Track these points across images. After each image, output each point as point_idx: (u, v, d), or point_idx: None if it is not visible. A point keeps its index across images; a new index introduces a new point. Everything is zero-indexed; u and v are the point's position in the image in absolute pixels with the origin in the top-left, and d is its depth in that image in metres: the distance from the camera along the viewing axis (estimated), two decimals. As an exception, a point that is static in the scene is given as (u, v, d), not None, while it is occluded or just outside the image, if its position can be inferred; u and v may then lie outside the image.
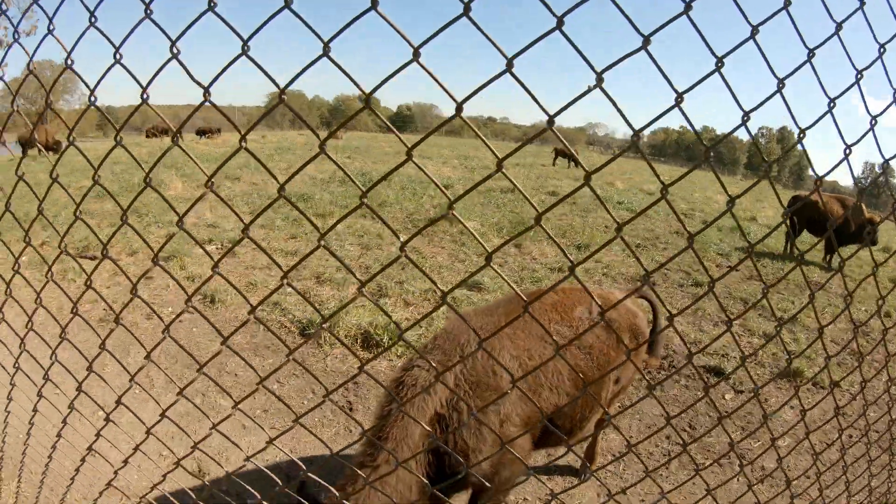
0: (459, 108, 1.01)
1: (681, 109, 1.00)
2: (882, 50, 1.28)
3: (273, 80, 1.10)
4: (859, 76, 1.26)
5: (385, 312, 1.34)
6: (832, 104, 1.25)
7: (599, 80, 0.96)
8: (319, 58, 1.02)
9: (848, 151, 1.27)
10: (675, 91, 0.98)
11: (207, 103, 1.15)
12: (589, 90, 0.99)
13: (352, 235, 9.49)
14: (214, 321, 6.26)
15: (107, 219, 9.73)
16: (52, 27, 1.32)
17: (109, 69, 1.25)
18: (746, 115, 1.05)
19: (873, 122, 1.33)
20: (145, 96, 1.23)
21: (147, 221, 9.72)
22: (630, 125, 1.03)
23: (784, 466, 3.94)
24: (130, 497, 2.18)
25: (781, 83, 1.09)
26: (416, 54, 0.99)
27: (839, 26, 1.16)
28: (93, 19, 1.21)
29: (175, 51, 1.12)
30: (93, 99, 1.27)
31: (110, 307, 1.61)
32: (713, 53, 0.99)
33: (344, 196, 12.55)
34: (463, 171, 19.37)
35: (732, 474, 2.04)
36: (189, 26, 1.13)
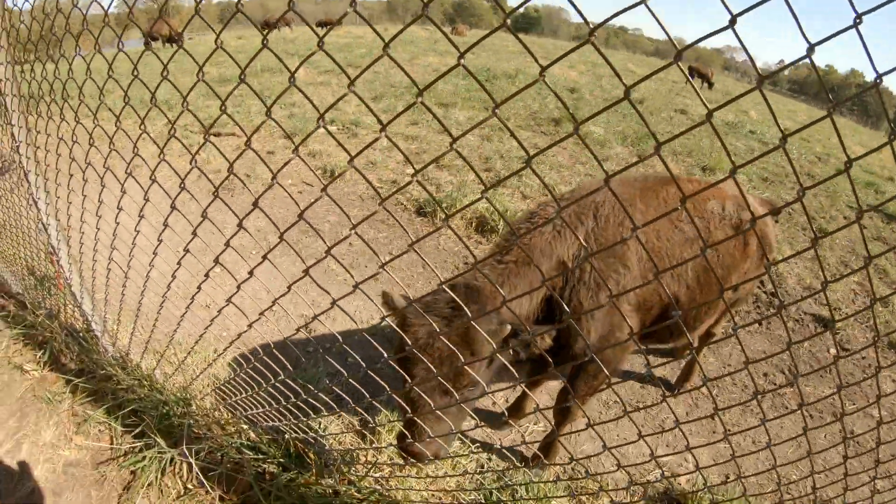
0: (504, 22, 1.03)
1: (734, 31, 0.89)
2: None
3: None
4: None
5: (430, 194, 1.33)
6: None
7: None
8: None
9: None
10: (731, 13, 0.87)
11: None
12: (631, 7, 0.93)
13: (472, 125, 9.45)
14: (334, 190, 6.57)
15: (232, 100, 10.19)
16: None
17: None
18: (811, 48, 0.92)
19: None
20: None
21: (270, 102, 10.03)
22: (671, 38, 0.95)
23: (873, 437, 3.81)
24: (239, 329, 2.37)
25: (858, 19, 0.93)
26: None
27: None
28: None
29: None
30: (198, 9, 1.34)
31: (210, 181, 1.69)
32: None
33: (467, 88, 12.35)
34: (590, 77, 18.48)
35: (820, 425, 1.98)
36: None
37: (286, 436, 2.65)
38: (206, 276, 1.97)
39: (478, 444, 3.30)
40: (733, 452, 1.75)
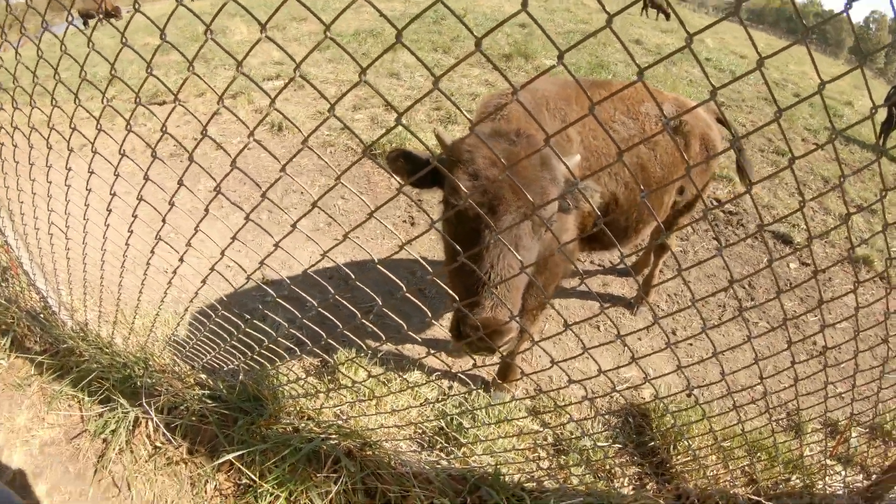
0: None
1: None
2: None
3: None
4: None
5: (416, 136, 1.27)
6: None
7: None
8: None
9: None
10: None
11: None
12: None
13: (422, 68, 9.32)
14: (282, 146, 6.47)
15: (174, 67, 9.86)
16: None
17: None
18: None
19: None
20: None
21: (215, 64, 9.86)
22: None
23: (836, 348, 3.92)
24: (196, 303, 2.35)
25: None
26: None
27: None
28: None
29: None
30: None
31: (148, 145, 1.63)
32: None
33: (415, 31, 12.06)
34: (541, 12, 18.15)
35: (783, 340, 1.99)
36: None
37: (240, 377, 2.64)
38: (130, 233, 1.91)
39: (438, 373, 3.32)
40: (679, 363, 1.77)
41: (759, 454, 2.83)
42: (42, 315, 3.22)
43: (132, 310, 2.91)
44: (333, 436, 2.53)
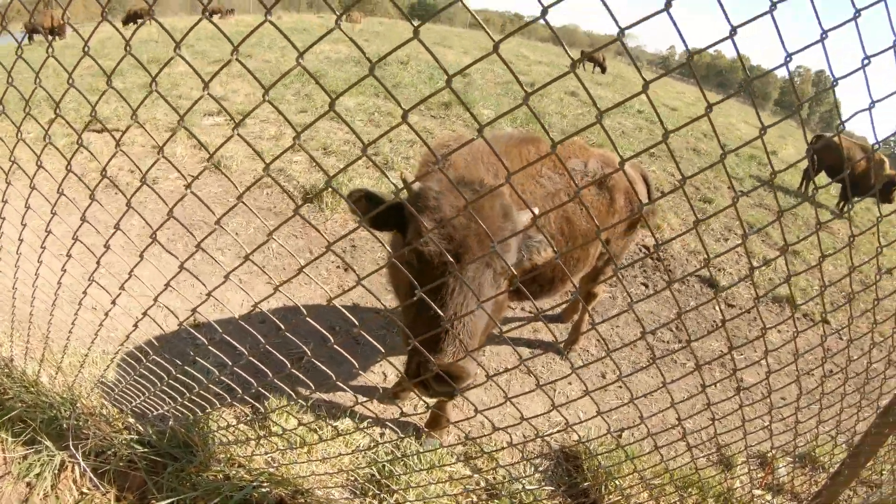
0: None
1: (620, 40, 0.97)
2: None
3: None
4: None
5: (346, 200, 1.32)
6: (867, 62, 1.33)
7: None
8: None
9: (871, 105, 1.37)
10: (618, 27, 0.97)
11: None
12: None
13: (363, 112, 9.50)
14: (220, 185, 6.38)
15: (115, 94, 9.59)
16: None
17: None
18: (789, 57, 1.11)
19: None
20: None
21: (155, 95, 9.59)
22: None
23: (761, 386, 4.16)
24: (127, 330, 2.31)
25: (825, 34, 1.17)
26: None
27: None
28: None
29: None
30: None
31: (87, 185, 1.65)
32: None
33: (358, 75, 12.23)
34: (481, 64, 18.80)
35: (708, 378, 2.12)
36: None
37: (170, 422, 2.60)
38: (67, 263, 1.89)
39: (369, 420, 3.34)
40: (598, 409, 1.88)
41: (689, 489, 2.94)
42: (-38, 350, 3.09)
43: (61, 348, 2.83)
44: (265, 483, 2.51)
